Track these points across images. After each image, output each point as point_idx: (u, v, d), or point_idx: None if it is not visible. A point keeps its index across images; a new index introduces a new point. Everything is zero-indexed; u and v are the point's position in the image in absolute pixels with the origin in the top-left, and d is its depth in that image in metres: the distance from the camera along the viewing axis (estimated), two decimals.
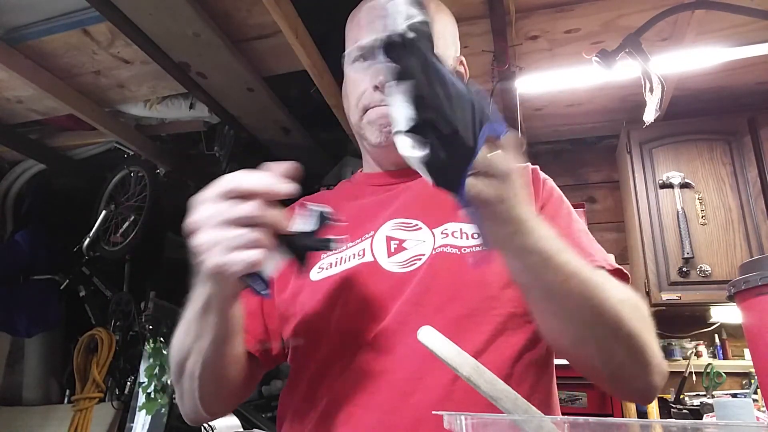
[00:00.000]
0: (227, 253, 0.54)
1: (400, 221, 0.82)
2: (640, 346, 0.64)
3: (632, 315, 0.64)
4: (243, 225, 0.55)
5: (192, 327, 0.69)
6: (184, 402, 0.77)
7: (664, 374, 0.67)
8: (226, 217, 0.55)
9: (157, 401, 2.46)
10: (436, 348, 0.53)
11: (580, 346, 0.65)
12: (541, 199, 0.84)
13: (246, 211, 0.55)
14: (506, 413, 0.48)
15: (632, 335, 0.63)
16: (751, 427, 0.58)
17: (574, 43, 2.16)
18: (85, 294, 2.98)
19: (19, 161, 3.09)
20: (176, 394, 0.78)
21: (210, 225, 0.55)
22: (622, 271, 0.77)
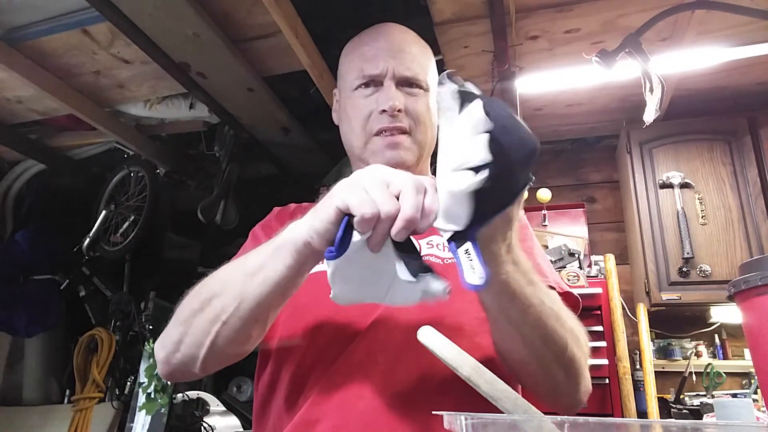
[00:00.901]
0: (358, 194, 0.57)
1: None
2: (575, 370, 0.72)
3: (574, 343, 0.71)
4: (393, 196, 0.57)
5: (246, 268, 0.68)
6: (183, 344, 0.73)
7: (588, 393, 0.77)
8: (390, 179, 0.58)
9: (157, 401, 2.46)
10: (436, 348, 0.53)
11: (527, 365, 0.71)
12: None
13: (408, 186, 0.58)
14: (506, 413, 0.48)
15: (572, 361, 0.71)
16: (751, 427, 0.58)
17: (574, 43, 2.16)
18: (85, 294, 2.98)
19: (19, 161, 3.08)
20: (171, 338, 0.74)
21: (374, 179, 0.58)
22: (572, 294, 0.86)
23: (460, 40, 2.14)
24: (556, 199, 2.85)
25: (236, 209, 2.72)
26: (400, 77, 0.90)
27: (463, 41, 2.15)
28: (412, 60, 0.92)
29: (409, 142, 0.91)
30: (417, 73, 0.92)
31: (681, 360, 2.54)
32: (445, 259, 0.84)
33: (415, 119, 0.91)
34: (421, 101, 0.92)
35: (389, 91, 0.89)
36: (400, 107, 0.89)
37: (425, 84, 0.93)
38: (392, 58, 0.91)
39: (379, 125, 0.90)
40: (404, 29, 0.98)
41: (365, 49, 0.94)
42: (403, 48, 0.93)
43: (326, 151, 3.01)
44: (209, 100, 2.45)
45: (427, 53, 0.98)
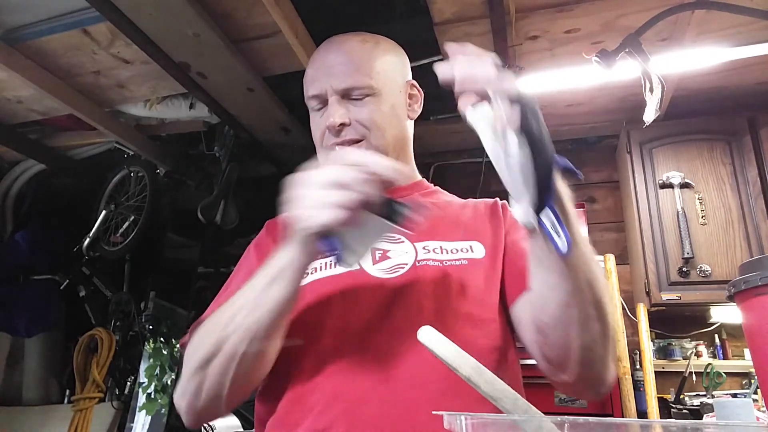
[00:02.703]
0: (314, 209, 0.64)
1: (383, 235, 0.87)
2: (609, 327, 0.70)
3: (609, 301, 0.71)
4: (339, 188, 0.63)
5: (247, 302, 0.71)
6: (204, 390, 0.73)
7: (614, 374, 0.75)
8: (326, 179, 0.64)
9: (157, 401, 2.46)
10: (436, 348, 0.53)
11: (570, 308, 0.69)
12: (508, 221, 0.93)
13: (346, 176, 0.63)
14: (506, 413, 0.48)
15: (607, 315, 0.70)
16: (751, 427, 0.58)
17: (574, 43, 2.16)
18: (85, 294, 2.98)
19: (19, 161, 3.08)
20: (190, 387, 0.74)
21: (311, 185, 0.65)
22: None
23: (460, 40, 2.13)
24: None
25: (236, 209, 2.72)
26: (340, 92, 0.91)
27: (463, 41, 2.14)
28: (349, 71, 0.92)
29: (363, 146, 0.92)
30: (355, 81, 0.91)
31: (681, 360, 2.54)
32: (443, 261, 0.85)
33: (367, 125, 0.91)
34: (371, 107, 0.92)
35: (330, 108, 0.91)
36: (341, 122, 0.90)
37: (371, 89, 0.92)
38: (328, 75, 0.92)
39: (331, 141, 0.93)
40: (344, 39, 0.98)
41: (309, 71, 0.97)
42: (338, 61, 0.93)
43: None
44: (209, 100, 2.45)
45: (372, 54, 0.96)
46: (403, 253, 0.86)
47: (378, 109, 0.93)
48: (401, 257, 0.86)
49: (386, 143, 0.94)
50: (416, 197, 0.98)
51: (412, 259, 0.85)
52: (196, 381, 0.73)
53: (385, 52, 0.99)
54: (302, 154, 2.76)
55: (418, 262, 0.85)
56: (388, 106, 0.95)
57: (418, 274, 0.83)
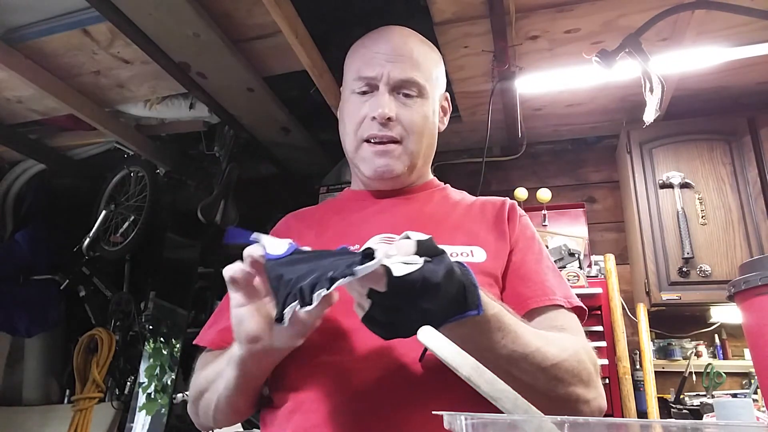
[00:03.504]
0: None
1: (386, 236, 0.86)
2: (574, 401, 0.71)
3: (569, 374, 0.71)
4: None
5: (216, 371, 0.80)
6: (199, 418, 0.88)
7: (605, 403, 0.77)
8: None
9: (157, 401, 2.46)
10: (436, 348, 0.53)
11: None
12: (515, 234, 0.90)
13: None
14: (506, 413, 0.48)
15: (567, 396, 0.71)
16: (751, 427, 0.58)
17: (574, 43, 2.15)
18: (85, 294, 2.98)
19: (19, 161, 3.09)
20: (190, 410, 0.89)
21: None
22: (582, 309, 0.85)
23: (460, 40, 2.14)
24: (556, 199, 2.85)
25: (236, 209, 2.72)
26: (395, 82, 0.89)
27: (463, 41, 2.15)
28: (410, 65, 0.91)
29: (399, 151, 0.91)
30: (414, 78, 0.90)
31: (681, 360, 2.54)
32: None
33: (408, 128, 0.90)
34: (417, 110, 0.91)
35: (382, 97, 0.89)
36: (391, 115, 0.88)
37: (424, 90, 0.92)
38: (389, 62, 0.90)
39: (370, 132, 0.90)
40: (408, 33, 0.97)
41: (364, 51, 0.94)
42: (403, 52, 0.91)
43: (326, 151, 3.01)
44: (209, 100, 2.45)
45: (430, 57, 0.96)
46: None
47: (422, 113, 0.92)
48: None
49: (419, 149, 0.93)
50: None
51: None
52: (193, 409, 0.87)
53: (437, 59, 0.99)
54: (302, 154, 2.76)
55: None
56: (430, 112, 0.94)
57: None
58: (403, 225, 0.86)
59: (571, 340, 0.77)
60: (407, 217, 0.91)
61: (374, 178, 0.94)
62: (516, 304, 0.80)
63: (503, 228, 0.90)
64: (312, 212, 1.05)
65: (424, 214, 0.93)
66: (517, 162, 2.97)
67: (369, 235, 0.87)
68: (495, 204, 0.95)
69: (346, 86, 0.97)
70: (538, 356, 0.68)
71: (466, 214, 0.94)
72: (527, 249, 0.88)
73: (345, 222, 0.94)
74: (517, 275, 0.85)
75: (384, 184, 0.96)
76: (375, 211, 0.94)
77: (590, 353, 0.77)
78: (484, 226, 0.91)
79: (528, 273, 0.85)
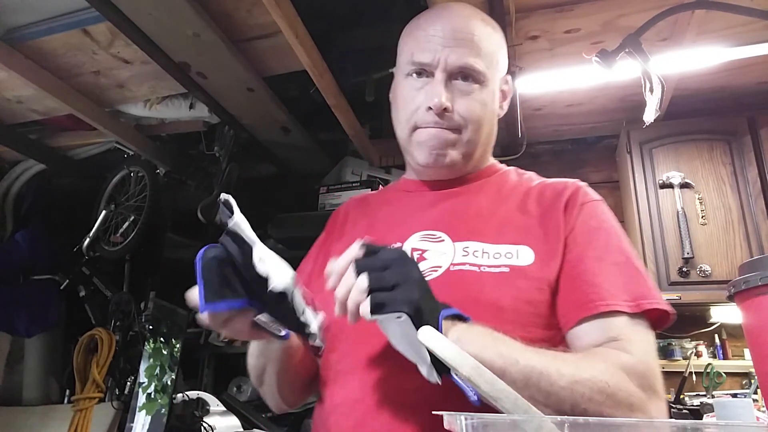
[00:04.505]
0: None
1: (426, 233, 0.84)
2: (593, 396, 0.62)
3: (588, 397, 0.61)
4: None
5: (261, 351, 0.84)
6: (268, 400, 0.93)
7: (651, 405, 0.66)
8: None
9: (157, 401, 2.46)
10: (436, 348, 0.53)
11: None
12: (571, 226, 0.79)
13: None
14: (506, 413, 0.48)
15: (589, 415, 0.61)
16: (751, 427, 0.58)
17: (574, 43, 2.15)
18: (85, 294, 2.97)
19: (19, 161, 3.08)
20: (260, 393, 0.93)
21: None
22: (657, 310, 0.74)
23: None
24: None
25: None
26: (453, 69, 0.83)
27: None
28: (470, 50, 0.84)
29: (454, 138, 0.86)
30: (473, 64, 0.83)
31: (681, 360, 2.54)
32: (481, 267, 0.77)
33: (466, 118, 0.85)
34: (475, 97, 0.85)
35: (438, 86, 0.83)
36: (447, 105, 0.82)
37: (484, 76, 0.85)
38: (446, 46, 0.83)
39: (424, 123, 0.85)
40: (469, 12, 0.89)
41: (419, 33, 0.87)
42: (461, 35, 0.84)
43: (326, 151, 3.01)
44: (209, 100, 2.44)
45: (492, 39, 0.89)
46: (440, 254, 0.79)
47: (480, 101, 0.85)
48: (437, 259, 0.79)
49: (478, 139, 0.88)
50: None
51: (447, 261, 0.78)
52: (261, 392, 0.93)
53: (500, 40, 0.92)
54: (302, 154, 2.77)
55: (453, 266, 0.77)
56: (489, 98, 0.87)
57: (450, 280, 0.75)
58: (445, 220, 0.85)
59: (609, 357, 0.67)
60: (451, 213, 0.86)
61: (428, 165, 0.88)
62: (565, 314, 0.74)
63: (557, 220, 0.80)
64: (374, 198, 1.02)
65: (471, 210, 0.86)
66: (517, 162, 2.94)
67: (411, 233, 0.84)
68: (556, 188, 0.86)
69: (400, 69, 0.91)
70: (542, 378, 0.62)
71: (520, 205, 0.85)
72: (586, 244, 0.77)
73: (392, 217, 0.91)
74: (569, 277, 0.75)
75: (438, 173, 0.91)
76: (421, 206, 0.90)
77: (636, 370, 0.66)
78: (536, 219, 0.81)
79: (582, 274, 0.74)
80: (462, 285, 0.75)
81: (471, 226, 0.82)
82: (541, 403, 0.60)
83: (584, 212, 0.81)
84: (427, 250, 0.81)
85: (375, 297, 0.58)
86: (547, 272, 0.75)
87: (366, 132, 2.80)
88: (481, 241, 0.79)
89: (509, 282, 0.74)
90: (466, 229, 0.82)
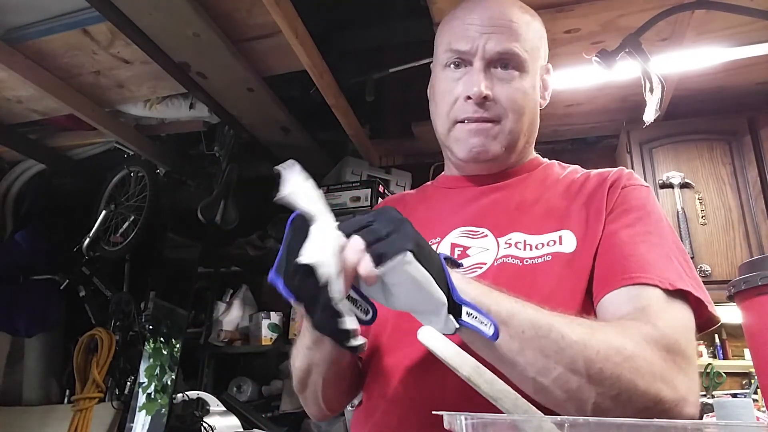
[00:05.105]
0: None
1: (467, 229, 0.82)
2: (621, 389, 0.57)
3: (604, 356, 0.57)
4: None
5: (307, 353, 0.77)
6: (309, 407, 0.86)
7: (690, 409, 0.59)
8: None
9: (157, 401, 2.46)
10: (436, 348, 0.53)
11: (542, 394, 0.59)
12: (612, 205, 0.78)
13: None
14: (506, 413, 0.48)
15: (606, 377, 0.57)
16: (751, 427, 0.58)
17: (574, 43, 2.15)
18: (85, 294, 2.97)
19: (19, 161, 3.08)
20: (300, 400, 0.88)
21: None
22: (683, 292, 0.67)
23: None
24: None
25: (236, 209, 2.72)
26: (492, 55, 0.81)
27: None
28: (508, 35, 0.82)
29: (496, 130, 0.83)
30: (512, 50, 0.81)
31: None
32: (523, 260, 0.75)
33: (507, 106, 0.82)
34: (516, 85, 0.83)
35: (477, 74, 0.81)
36: (487, 94, 0.80)
37: (524, 63, 0.83)
38: (484, 33, 0.81)
39: (464, 114, 0.83)
40: (507, 0, 0.87)
41: (456, 23, 0.86)
42: (500, 22, 0.82)
43: (326, 151, 3.01)
44: (209, 100, 2.45)
45: (531, 26, 0.86)
46: (483, 250, 0.78)
47: (521, 89, 0.83)
48: (480, 255, 0.77)
49: (520, 128, 0.85)
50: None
51: (491, 257, 0.76)
52: (302, 399, 0.87)
53: (540, 28, 0.89)
54: (302, 154, 2.78)
55: (497, 260, 0.76)
56: (530, 86, 0.85)
57: (496, 277, 0.73)
58: (486, 215, 0.83)
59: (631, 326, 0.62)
60: (494, 208, 0.84)
61: (469, 160, 0.86)
62: (597, 286, 0.70)
63: (600, 202, 0.77)
64: (410, 198, 0.99)
65: (512, 204, 0.84)
66: None
67: (451, 229, 0.83)
68: (602, 175, 0.83)
69: (437, 61, 0.90)
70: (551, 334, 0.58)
71: (564, 193, 0.83)
72: (620, 218, 0.75)
73: (430, 214, 0.89)
74: (604, 250, 0.72)
75: (479, 168, 0.89)
76: (462, 202, 0.88)
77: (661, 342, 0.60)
78: (580, 204, 0.79)
79: (616, 246, 0.71)
80: (506, 280, 0.71)
81: (513, 218, 0.80)
82: (552, 359, 0.57)
83: (626, 192, 0.79)
84: (470, 247, 0.79)
85: (374, 249, 0.53)
86: (587, 257, 0.73)
87: (366, 132, 2.80)
88: (524, 232, 0.78)
89: (552, 271, 0.72)
90: (509, 222, 0.80)
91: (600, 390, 0.57)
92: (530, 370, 0.58)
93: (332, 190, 2.71)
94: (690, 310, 0.67)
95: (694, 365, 0.63)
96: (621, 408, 0.57)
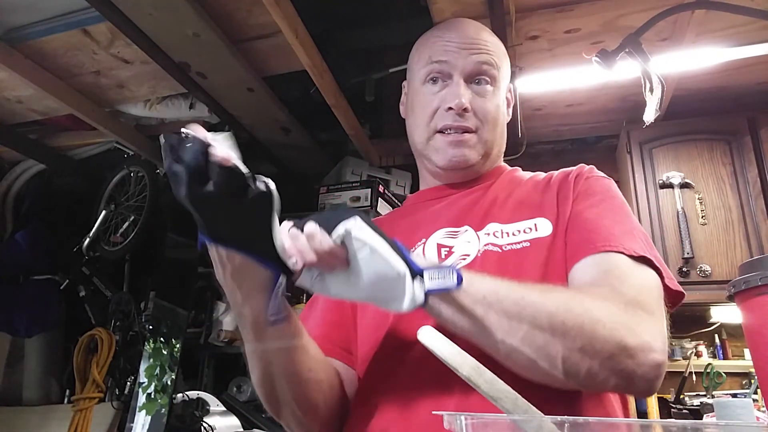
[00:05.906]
0: None
1: (449, 230, 0.86)
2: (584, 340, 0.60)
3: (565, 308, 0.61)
4: None
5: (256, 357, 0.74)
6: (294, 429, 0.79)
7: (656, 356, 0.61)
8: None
9: (157, 401, 2.46)
10: (436, 348, 0.53)
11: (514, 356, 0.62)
12: (578, 190, 0.85)
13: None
14: (506, 413, 0.48)
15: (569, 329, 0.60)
16: (751, 427, 0.58)
17: (574, 43, 2.15)
18: (85, 294, 2.97)
19: (19, 161, 3.08)
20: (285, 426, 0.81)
21: None
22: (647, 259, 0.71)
23: None
24: None
25: None
26: (471, 70, 0.89)
27: None
28: (484, 53, 0.90)
29: (474, 140, 0.90)
30: (488, 66, 0.90)
31: (681, 360, 2.55)
32: (502, 246, 0.80)
33: (483, 118, 0.90)
34: (490, 100, 0.91)
35: (457, 88, 0.88)
36: (467, 106, 0.87)
37: (497, 79, 0.92)
38: (464, 49, 0.89)
39: (444, 123, 0.89)
40: (478, 24, 0.97)
41: (435, 40, 0.93)
42: (476, 41, 0.91)
43: (326, 151, 3.01)
44: (209, 100, 2.45)
45: (500, 48, 0.96)
46: (465, 243, 0.83)
47: (494, 102, 0.92)
48: (464, 248, 0.82)
49: (494, 138, 0.93)
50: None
51: (475, 249, 0.81)
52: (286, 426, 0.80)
53: (505, 52, 0.99)
54: (302, 154, 2.77)
55: (480, 251, 0.80)
56: (501, 100, 0.95)
57: (482, 264, 0.78)
58: (465, 214, 0.88)
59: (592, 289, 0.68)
60: (471, 207, 0.89)
61: (448, 168, 0.92)
62: (567, 260, 0.75)
63: (567, 191, 0.85)
64: (391, 215, 1.09)
65: (487, 200, 0.90)
66: (518, 162, 2.92)
67: (434, 230, 0.87)
68: (565, 171, 0.92)
69: (414, 77, 0.95)
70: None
71: (534, 187, 0.90)
72: (584, 200, 0.81)
73: (413, 223, 0.93)
74: (570, 229, 0.78)
75: (456, 175, 0.95)
76: (442, 207, 0.93)
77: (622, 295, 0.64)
78: (550, 195, 0.86)
79: (580, 223, 0.78)
80: (490, 268, 0.76)
81: (489, 212, 0.86)
82: (515, 319, 0.61)
83: (591, 181, 0.86)
84: (454, 246, 0.83)
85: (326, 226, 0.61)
86: (563, 239, 0.78)
87: (366, 132, 2.80)
88: (499, 222, 0.83)
89: (535, 256, 0.77)
90: (485, 216, 0.85)
91: (566, 343, 0.60)
92: (498, 332, 0.62)
93: (332, 190, 2.71)
94: (655, 274, 0.72)
95: (659, 318, 0.66)
96: (589, 359, 0.60)
